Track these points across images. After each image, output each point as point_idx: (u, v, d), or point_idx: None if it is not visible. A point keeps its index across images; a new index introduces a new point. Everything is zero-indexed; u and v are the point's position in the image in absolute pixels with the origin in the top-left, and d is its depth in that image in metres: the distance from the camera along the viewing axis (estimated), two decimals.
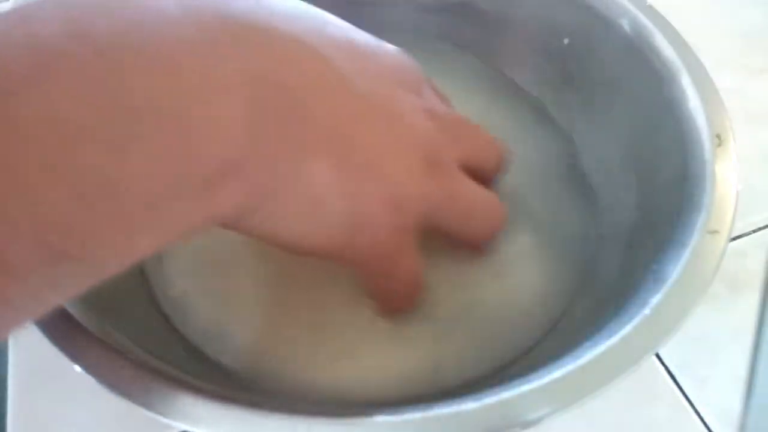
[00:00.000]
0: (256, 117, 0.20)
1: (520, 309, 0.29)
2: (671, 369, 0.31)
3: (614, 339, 0.23)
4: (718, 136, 0.27)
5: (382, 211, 0.24)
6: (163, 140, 0.18)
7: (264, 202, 0.22)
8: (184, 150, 0.19)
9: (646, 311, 0.23)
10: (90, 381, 0.22)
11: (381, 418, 0.21)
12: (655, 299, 0.24)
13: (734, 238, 0.34)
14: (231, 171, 0.20)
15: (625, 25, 0.31)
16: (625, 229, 0.29)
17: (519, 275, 0.30)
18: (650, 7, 0.31)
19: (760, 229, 0.35)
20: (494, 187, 0.29)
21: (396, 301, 0.28)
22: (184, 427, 0.21)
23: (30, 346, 0.30)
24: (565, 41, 0.33)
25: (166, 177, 0.19)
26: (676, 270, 0.24)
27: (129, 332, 0.24)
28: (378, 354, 0.28)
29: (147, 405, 0.21)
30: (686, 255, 0.24)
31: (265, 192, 0.22)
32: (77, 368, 0.22)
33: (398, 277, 0.27)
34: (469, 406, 0.21)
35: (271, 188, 0.22)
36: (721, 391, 0.30)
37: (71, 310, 0.23)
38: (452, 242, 0.29)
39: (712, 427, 0.29)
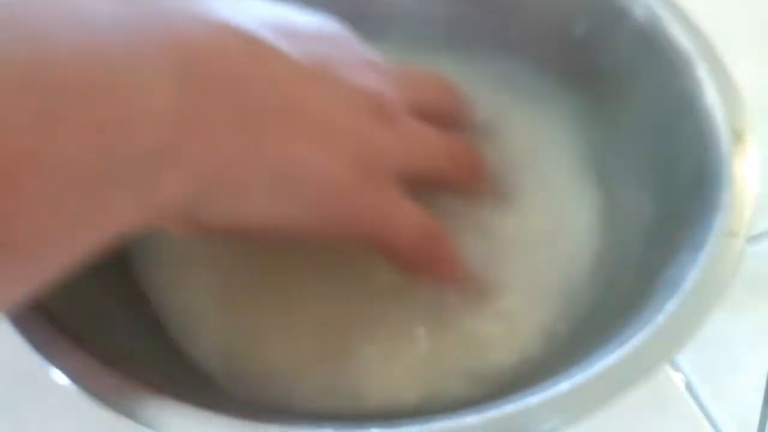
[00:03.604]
0: (187, 95, 0.20)
1: (530, 315, 0.28)
2: (686, 377, 0.30)
3: (626, 347, 0.22)
4: (737, 131, 0.26)
5: (347, 172, 0.24)
6: (91, 116, 0.18)
7: (216, 186, 0.21)
8: (114, 127, 0.18)
9: (660, 318, 0.23)
10: (73, 391, 0.21)
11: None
12: (669, 305, 0.23)
13: (755, 240, 0.33)
14: (168, 153, 0.20)
15: (639, 14, 0.30)
16: (641, 231, 0.29)
17: (529, 280, 0.28)
18: None
19: None
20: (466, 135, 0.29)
21: (432, 265, 0.27)
22: None
23: (12, 356, 0.29)
24: (577, 31, 0.32)
25: (100, 159, 0.18)
26: (691, 274, 0.23)
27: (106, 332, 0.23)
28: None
29: (131, 415, 0.21)
30: (703, 258, 0.24)
31: (214, 174, 0.21)
32: (60, 376, 0.21)
33: (405, 235, 0.26)
34: (470, 419, 0.21)
35: (220, 169, 0.21)
36: (739, 401, 0.30)
37: (53, 315, 0.22)
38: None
39: None
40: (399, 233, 0.26)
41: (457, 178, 0.29)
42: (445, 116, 0.29)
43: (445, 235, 0.27)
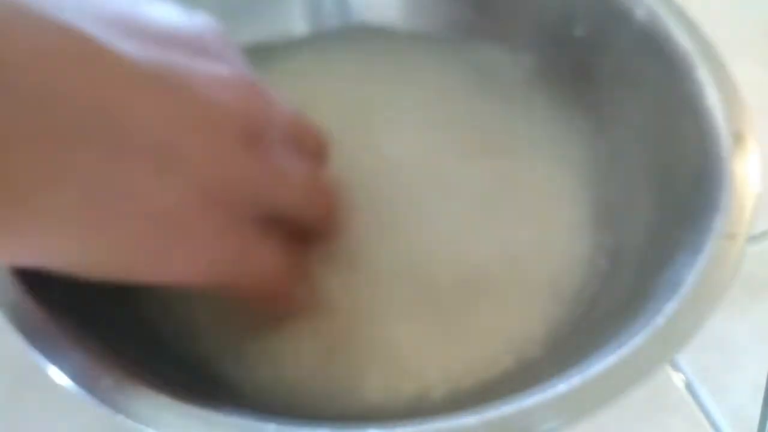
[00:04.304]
0: None
1: (527, 317, 0.28)
2: (687, 377, 0.30)
3: (626, 349, 0.22)
4: (737, 133, 0.26)
5: (192, 207, 0.20)
6: None
7: (8, 210, 0.18)
8: None
9: (660, 319, 0.22)
10: (73, 391, 0.21)
11: None
12: (668, 307, 0.23)
13: (756, 240, 0.33)
14: None
15: (640, 15, 0.30)
16: (640, 232, 0.28)
17: (528, 281, 0.28)
18: None
19: None
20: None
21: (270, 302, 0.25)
22: None
23: (12, 356, 0.29)
24: (578, 31, 0.32)
25: None
26: (691, 275, 0.23)
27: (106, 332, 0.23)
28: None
29: (131, 414, 0.21)
30: (702, 259, 0.23)
31: (6, 197, 0.17)
32: (59, 376, 0.21)
33: (259, 285, 0.24)
34: (469, 420, 0.21)
35: (13, 193, 0.17)
36: (739, 401, 0.29)
37: (52, 315, 0.22)
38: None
39: None
40: (254, 283, 0.23)
41: (313, 216, 0.26)
42: (313, 154, 0.26)
43: (298, 278, 0.25)
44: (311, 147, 0.26)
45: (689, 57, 0.28)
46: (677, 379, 0.30)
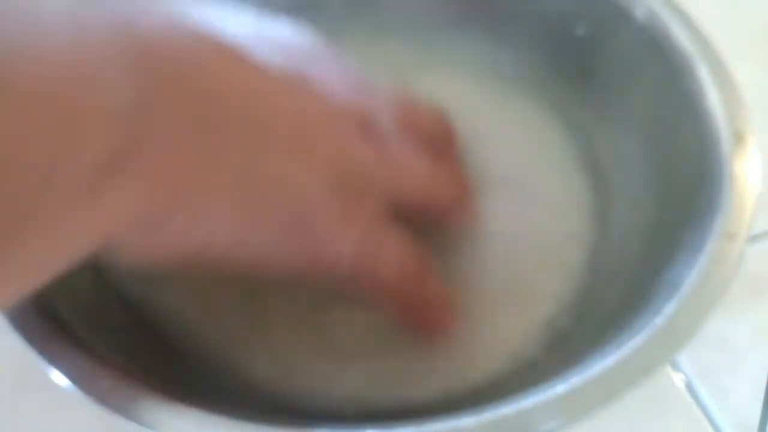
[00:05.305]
0: (144, 97, 0.18)
1: (527, 317, 0.28)
2: (687, 377, 0.30)
3: (625, 349, 0.22)
4: (737, 132, 0.26)
5: (326, 191, 0.22)
6: (24, 118, 0.16)
7: (174, 200, 0.19)
8: (55, 132, 0.16)
9: (659, 319, 0.22)
10: (73, 391, 0.21)
11: None
12: (668, 307, 0.23)
13: (756, 240, 0.33)
14: (120, 160, 0.17)
15: (640, 15, 0.30)
16: (640, 231, 0.28)
17: (527, 281, 0.28)
18: None
19: None
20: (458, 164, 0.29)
21: (417, 311, 0.26)
22: None
23: (12, 356, 0.29)
24: (578, 31, 0.32)
25: (38, 166, 0.16)
26: (691, 275, 0.23)
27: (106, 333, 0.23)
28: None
29: (130, 416, 0.21)
30: (702, 259, 0.24)
31: (172, 186, 0.19)
32: (59, 377, 0.21)
33: (388, 272, 0.24)
34: (467, 421, 0.21)
35: (179, 181, 0.19)
36: (739, 401, 0.29)
37: (52, 316, 0.23)
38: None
39: None
40: (382, 269, 0.24)
41: (440, 206, 0.27)
42: (434, 142, 0.27)
43: (432, 277, 0.26)
44: (432, 132, 0.27)
45: (689, 57, 0.28)
46: (677, 379, 0.30)
